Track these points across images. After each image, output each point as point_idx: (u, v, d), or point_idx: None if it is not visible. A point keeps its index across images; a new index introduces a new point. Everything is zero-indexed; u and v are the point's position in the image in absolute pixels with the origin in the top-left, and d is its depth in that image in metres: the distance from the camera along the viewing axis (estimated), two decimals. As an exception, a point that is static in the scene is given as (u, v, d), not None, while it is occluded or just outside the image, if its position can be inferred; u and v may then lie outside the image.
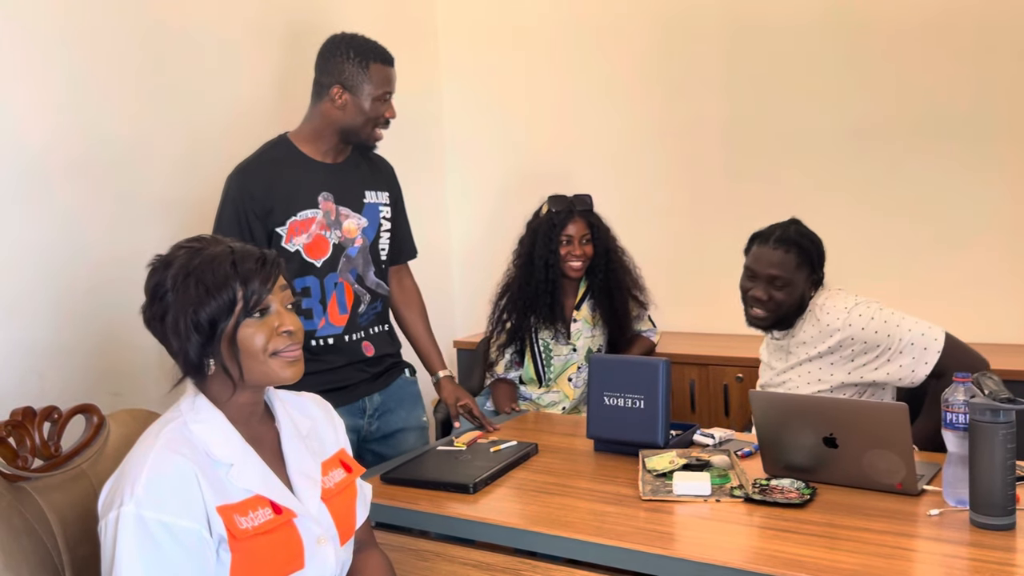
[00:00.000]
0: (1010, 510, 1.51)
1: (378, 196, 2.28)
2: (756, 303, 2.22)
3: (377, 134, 2.22)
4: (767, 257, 2.21)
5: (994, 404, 1.50)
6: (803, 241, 2.22)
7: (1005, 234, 2.95)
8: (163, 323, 1.31)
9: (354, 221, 2.21)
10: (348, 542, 1.43)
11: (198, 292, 1.28)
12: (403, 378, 2.35)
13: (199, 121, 2.60)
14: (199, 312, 1.28)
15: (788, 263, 2.19)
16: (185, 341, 1.29)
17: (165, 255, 1.35)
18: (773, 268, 2.19)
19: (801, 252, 2.20)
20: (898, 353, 2.12)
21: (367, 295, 2.24)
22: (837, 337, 2.16)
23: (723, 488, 1.77)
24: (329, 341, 2.18)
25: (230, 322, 1.29)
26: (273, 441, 1.40)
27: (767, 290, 2.20)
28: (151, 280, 1.33)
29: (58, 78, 2.23)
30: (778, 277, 2.19)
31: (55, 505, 1.41)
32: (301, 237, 2.13)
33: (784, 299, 2.20)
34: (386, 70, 2.19)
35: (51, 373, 2.18)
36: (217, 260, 1.30)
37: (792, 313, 2.22)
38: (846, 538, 1.52)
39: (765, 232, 2.26)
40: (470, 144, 3.82)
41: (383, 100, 2.18)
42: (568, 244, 2.73)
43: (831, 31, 3.13)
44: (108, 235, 2.33)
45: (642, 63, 3.47)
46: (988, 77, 2.92)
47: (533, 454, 2.09)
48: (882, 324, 2.12)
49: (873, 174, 3.11)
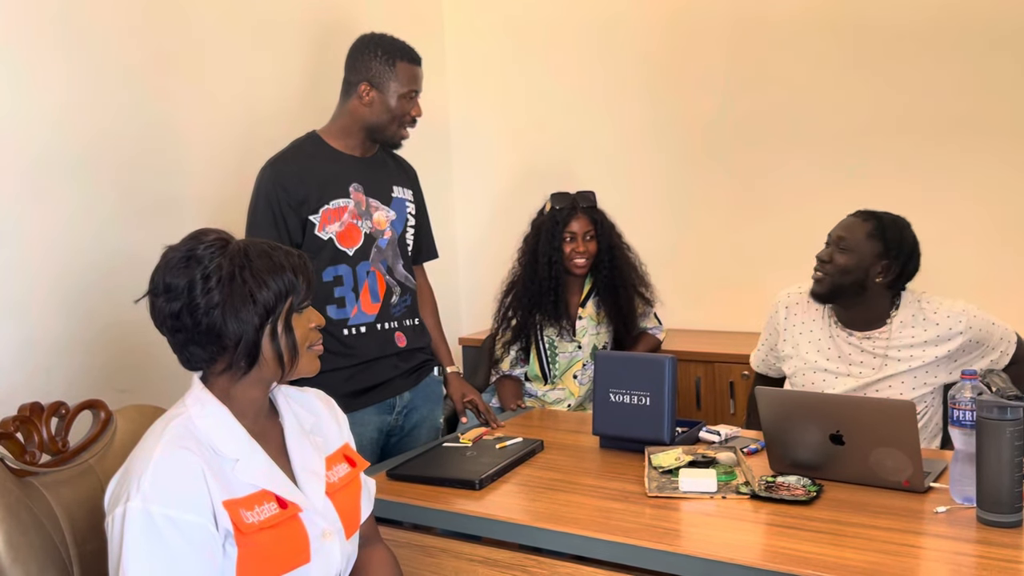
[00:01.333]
0: (1017, 507, 1.50)
1: (404, 192, 2.31)
2: (818, 264, 2.16)
3: (404, 132, 2.25)
4: (845, 222, 2.17)
5: (1002, 401, 1.50)
6: (887, 220, 2.14)
7: (1011, 230, 2.94)
8: (218, 309, 1.28)
9: (383, 213, 2.24)
10: (353, 536, 1.44)
11: (260, 279, 1.30)
12: (432, 376, 2.37)
13: (202, 119, 2.60)
14: (262, 295, 1.30)
15: (859, 229, 2.12)
16: (245, 325, 1.29)
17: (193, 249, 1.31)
18: (843, 230, 2.15)
19: (879, 226, 2.12)
20: (991, 349, 2.15)
21: (397, 287, 2.26)
22: (960, 341, 2.11)
23: (729, 485, 1.76)
24: (362, 330, 2.19)
25: (283, 311, 1.32)
26: (277, 436, 1.41)
27: (831, 252, 2.14)
28: (188, 272, 1.29)
29: (61, 76, 2.23)
30: (843, 238, 2.13)
31: (63, 500, 1.42)
32: (334, 225, 2.15)
33: (844, 263, 2.11)
34: (413, 68, 2.22)
35: (58, 369, 2.19)
36: (266, 252, 1.33)
37: (849, 288, 2.12)
38: (852, 535, 1.51)
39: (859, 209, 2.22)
40: (476, 142, 3.82)
41: (409, 98, 2.21)
42: (572, 241, 2.73)
43: (834, 27, 3.12)
44: (113, 231, 2.34)
45: (646, 60, 3.46)
46: (991, 74, 2.91)
47: (539, 451, 2.09)
48: (989, 323, 2.14)
49: (878, 171, 3.10)
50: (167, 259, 1.33)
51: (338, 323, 2.16)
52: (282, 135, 2.29)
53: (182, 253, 1.31)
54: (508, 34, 3.72)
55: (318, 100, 2.96)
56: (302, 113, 2.86)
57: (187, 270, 1.30)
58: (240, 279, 1.29)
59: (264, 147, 2.27)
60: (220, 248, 1.31)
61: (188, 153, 2.56)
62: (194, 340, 1.31)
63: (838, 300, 2.18)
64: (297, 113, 2.83)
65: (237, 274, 1.30)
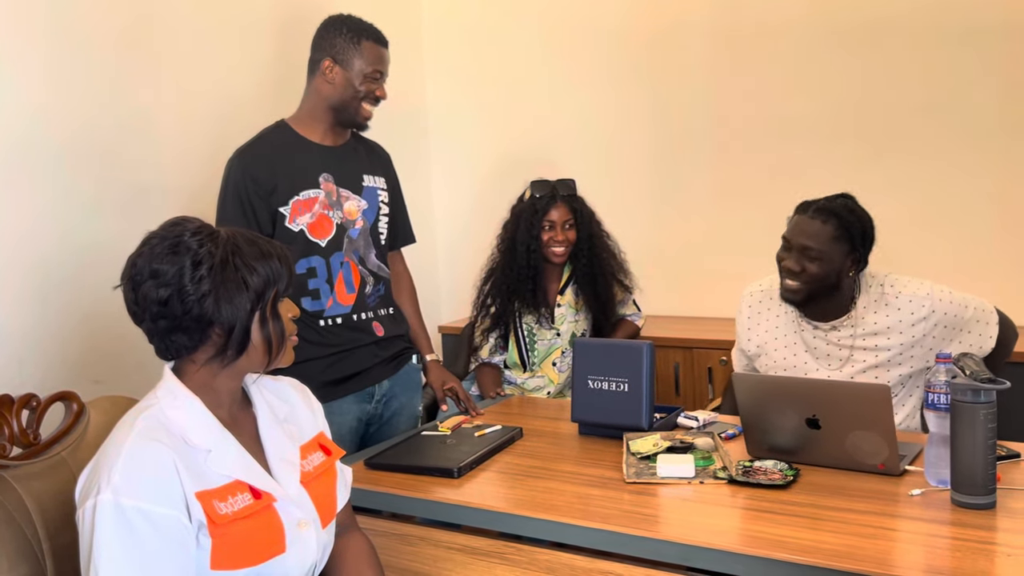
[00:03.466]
0: (990, 489, 1.52)
1: (376, 181, 2.29)
2: (789, 274, 2.09)
3: (365, 111, 2.20)
4: (803, 226, 2.06)
5: (975, 384, 1.51)
6: (845, 214, 2.05)
7: (995, 223, 2.97)
8: (210, 297, 1.26)
9: (354, 203, 2.21)
10: (329, 525, 1.43)
11: (250, 266, 1.29)
12: (411, 364, 2.36)
13: (181, 108, 2.58)
14: (253, 281, 1.29)
15: (824, 234, 2.03)
16: (238, 311, 1.28)
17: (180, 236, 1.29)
18: (807, 238, 2.04)
19: (840, 225, 2.04)
20: (966, 332, 2.09)
21: (371, 276, 2.24)
22: (924, 327, 2.06)
23: (707, 470, 1.77)
24: (338, 320, 2.18)
25: (271, 298, 1.32)
26: (251, 426, 1.39)
27: (800, 261, 2.06)
28: (178, 259, 1.26)
29: (40, 64, 2.20)
30: (811, 248, 2.04)
31: (34, 493, 1.40)
32: (304, 217, 2.13)
33: (817, 272, 2.05)
34: (378, 49, 2.18)
35: (31, 360, 2.16)
36: (253, 240, 1.33)
37: (824, 290, 2.08)
38: (829, 518, 1.52)
39: (809, 201, 2.11)
40: (454, 128, 3.81)
41: (373, 79, 2.17)
42: (551, 229, 2.72)
43: (819, 21, 3.13)
44: (90, 222, 2.31)
45: (627, 49, 3.46)
46: (970, 62, 2.93)
47: (518, 438, 2.08)
48: (959, 304, 2.08)
49: (864, 160, 3.12)
50: (151, 246, 1.29)
51: (313, 315, 2.14)
52: (256, 124, 2.26)
53: (169, 240, 1.29)
54: (487, 20, 3.70)
55: (292, 88, 2.93)
56: (276, 102, 2.83)
57: (176, 256, 1.27)
58: (233, 265, 1.28)
59: (238, 136, 2.24)
60: (209, 235, 1.30)
61: (162, 144, 2.53)
62: (180, 327, 1.28)
63: (812, 302, 2.13)
64: (271, 102, 2.80)
65: (230, 260, 1.28)
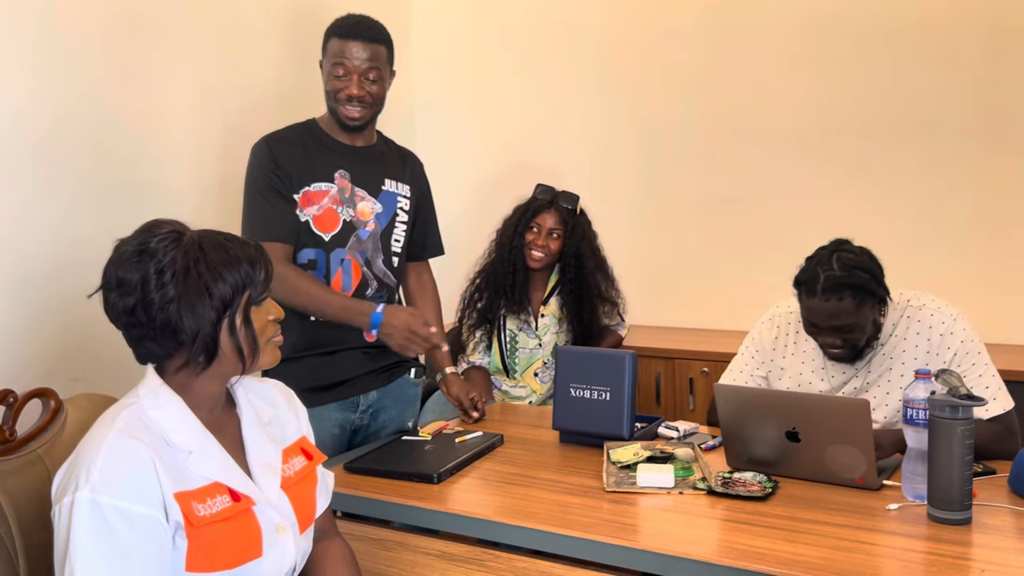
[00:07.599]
0: (966, 505, 1.53)
1: (398, 187, 2.27)
2: (831, 348, 1.99)
3: (345, 111, 2.14)
4: (822, 310, 1.91)
5: (954, 401, 1.52)
6: (853, 278, 1.89)
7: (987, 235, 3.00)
8: (173, 304, 1.25)
9: (368, 204, 2.20)
10: (308, 530, 1.42)
11: (215, 273, 1.27)
12: (406, 379, 2.32)
13: (162, 105, 2.56)
14: (218, 288, 1.26)
15: (847, 310, 1.89)
16: (202, 320, 1.26)
17: (145, 243, 1.27)
18: (833, 319, 1.92)
19: (855, 292, 1.88)
20: (975, 376, 1.94)
21: (375, 281, 2.21)
22: (951, 352, 1.95)
23: (686, 480, 1.78)
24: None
25: (241, 304, 1.29)
26: (234, 428, 1.38)
27: (835, 336, 1.95)
28: (142, 266, 1.25)
29: (21, 61, 2.18)
30: (843, 326, 1.92)
31: (9, 490, 1.38)
32: (311, 208, 2.13)
33: (859, 338, 1.95)
34: (340, 43, 2.12)
35: (8, 356, 2.14)
36: (222, 244, 1.30)
37: (868, 343, 1.99)
38: (806, 531, 1.53)
39: (809, 278, 1.93)
40: (442, 131, 3.80)
41: (336, 76, 2.12)
42: (536, 233, 2.73)
43: (806, 35, 3.16)
44: (69, 219, 2.29)
45: (613, 58, 3.47)
46: (954, 78, 2.97)
47: (498, 445, 2.08)
48: (976, 352, 1.95)
49: (846, 173, 3.15)
50: (120, 252, 1.28)
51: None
52: (244, 122, 2.26)
53: (134, 247, 1.27)
54: (474, 26, 3.71)
55: (282, 87, 2.93)
56: (263, 99, 2.83)
57: (140, 264, 1.26)
58: (195, 272, 1.26)
59: (224, 134, 2.23)
60: (174, 241, 1.27)
61: (146, 140, 2.51)
62: (149, 336, 1.27)
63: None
64: (257, 99, 2.79)
65: (192, 267, 1.26)
